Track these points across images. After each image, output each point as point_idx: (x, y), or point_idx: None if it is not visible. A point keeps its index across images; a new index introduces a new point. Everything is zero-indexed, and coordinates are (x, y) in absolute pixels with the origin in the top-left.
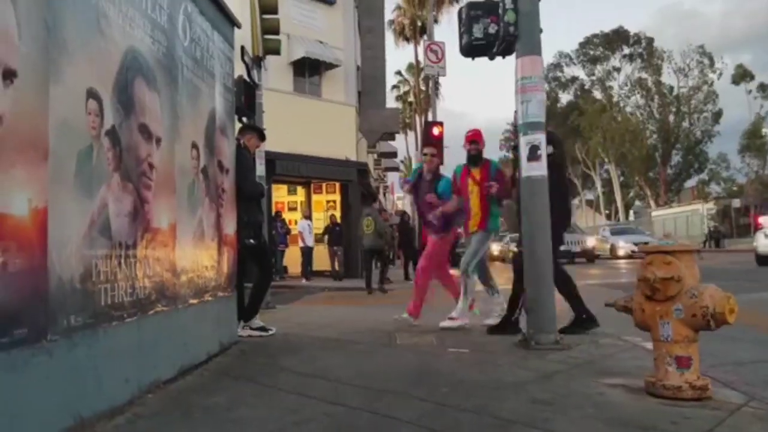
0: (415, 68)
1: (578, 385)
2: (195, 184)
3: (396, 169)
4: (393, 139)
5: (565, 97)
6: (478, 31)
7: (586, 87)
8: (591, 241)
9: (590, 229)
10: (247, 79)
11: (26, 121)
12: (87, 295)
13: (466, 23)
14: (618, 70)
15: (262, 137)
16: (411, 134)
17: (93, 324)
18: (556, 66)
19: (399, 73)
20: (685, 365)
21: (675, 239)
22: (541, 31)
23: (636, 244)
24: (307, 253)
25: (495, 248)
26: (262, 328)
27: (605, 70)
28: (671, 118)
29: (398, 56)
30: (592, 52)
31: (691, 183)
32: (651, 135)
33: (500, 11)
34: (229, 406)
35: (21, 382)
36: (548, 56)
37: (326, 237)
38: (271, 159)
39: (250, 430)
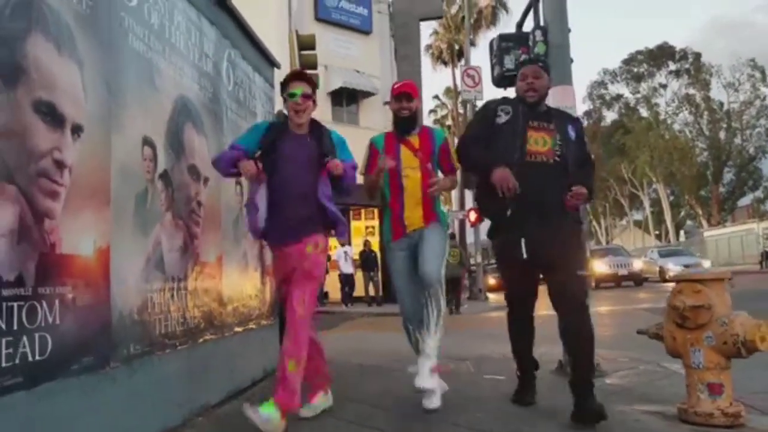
0: (452, 92)
1: (614, 412)
2: (239, 219)
3: None
4: None
5: (609, 116)
6: (509, 62)
7: (631, 105)
8: (638, 264)
9: (638, 251)
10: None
11: (92, 171)
12: (144, 326)
13: (497, 54)
14: (664, 86)
15: None
16: None
17: (149, 352)
18: (600, 84)
19: (437, 97)
20: (717, 392)
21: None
22: (572, 61)
23: (686, 266)
24: (344, 280)
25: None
26: None
27: (650, 87)
28: (722, 134)
29: (436, 80)
30: (636, 69)
31: (745, 201)
32: (701, 152)
33: (530, 43)
34: None
35: (88, 405)
36: (592, 74)
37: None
38: None
39: None
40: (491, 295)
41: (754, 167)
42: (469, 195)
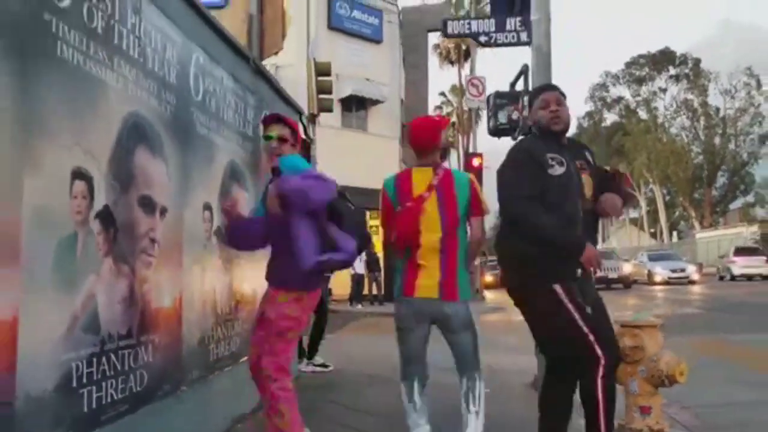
0: (458, 90)
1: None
2: None
3: None
4: None
5: (610, 117)
6: (502, 117)
7: (632, 107)
8: (627, 268)
9: (633, 249)
10: (304, 137)
11: (171, 240)
12: (203, 355)
13: (492, 110)
14: (664, 90)
15: None
16: (454, 153)
17: (205, 375)
18: (602, 86)
19: (443, 94)
20: (647, 412)
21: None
22: None
23: (673, 271)
24: (356, 281)
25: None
26: (323, 365)
27: (651, 90)
28: (717, 139)
29: (442, 77)
30: (637, 73)
31: (737, 204)
32: (696, 156)
33: (520, 105)
34: None
35: (166, 421)
36: (594, 76)
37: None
38: None
39: None
40: (488, 295)
41: (747, 172)
42: None
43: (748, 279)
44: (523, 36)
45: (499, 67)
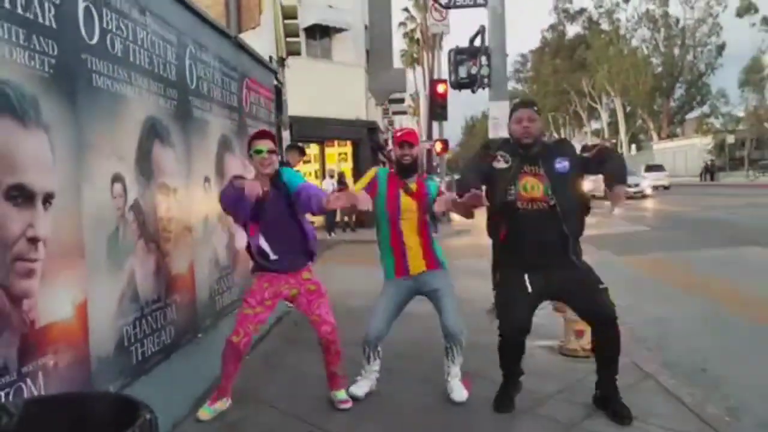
0: (421, 5)
1: None
2: None
3: (404, 113)
4: (402, 102)
5: (572, 30)
6: (463, 72)
7: (594, 19)
8: (588, 185)
9: None
10: (275, 82)
11: (183, 214)
12: (212, 305)
13: (453, 65)
14: (627, 0)
15: (302, 154)
16: (419, 70)
17: (215, 322)
18: None
19: (406, 9)
20: (581, 335)
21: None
22: (508, 80)
23: (628, 186)
24: (330, 210)
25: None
26: None
27: (613, 1)
28: (676, 50)
29: None
30: None
31: (693, 115)
32: (656, 68)
33: (479, 62)
34: (298, 365)
35: (189, 362)
36: None
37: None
38: (290, 123)
39: (316, 382)
40: (455, 216)
41: (703, 83)
42: (435, 126)
43: (654, 188)
44: None
45: None
